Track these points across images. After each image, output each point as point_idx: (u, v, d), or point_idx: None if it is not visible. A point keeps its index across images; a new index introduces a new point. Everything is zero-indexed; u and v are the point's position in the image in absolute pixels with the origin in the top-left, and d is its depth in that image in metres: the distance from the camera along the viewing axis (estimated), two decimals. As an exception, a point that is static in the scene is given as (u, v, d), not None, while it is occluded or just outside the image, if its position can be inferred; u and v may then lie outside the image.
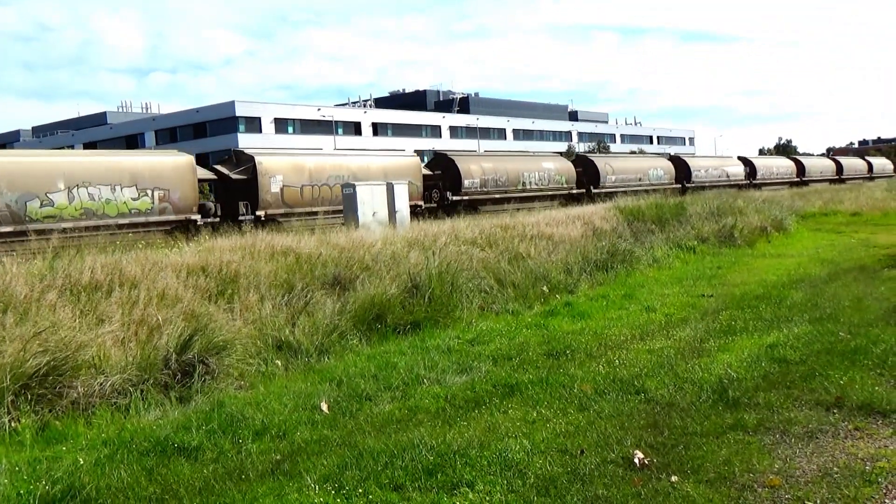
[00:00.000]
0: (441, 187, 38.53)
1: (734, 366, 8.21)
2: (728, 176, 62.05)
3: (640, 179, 51.43)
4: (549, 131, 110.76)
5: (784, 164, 75.13)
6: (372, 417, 7.15)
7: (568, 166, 46.94)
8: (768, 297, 12.64)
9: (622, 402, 7.26)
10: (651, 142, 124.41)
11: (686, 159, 60.72)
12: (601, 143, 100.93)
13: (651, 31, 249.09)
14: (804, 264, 16.99)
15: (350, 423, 7.02)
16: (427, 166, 40.20)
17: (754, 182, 64.59)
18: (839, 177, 77.93)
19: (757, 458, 5.71)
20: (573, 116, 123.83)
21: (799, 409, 6.79)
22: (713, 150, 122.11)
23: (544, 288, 13.72)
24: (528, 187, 43.06)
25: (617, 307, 12.48)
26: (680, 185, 53.51)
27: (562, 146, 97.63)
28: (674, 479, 5.38)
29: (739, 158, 68.74)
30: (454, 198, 38.43)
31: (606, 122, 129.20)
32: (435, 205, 37.28)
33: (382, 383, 8.23)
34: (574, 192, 45.15)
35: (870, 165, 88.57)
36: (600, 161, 50.24)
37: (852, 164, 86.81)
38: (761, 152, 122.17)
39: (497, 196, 40.11)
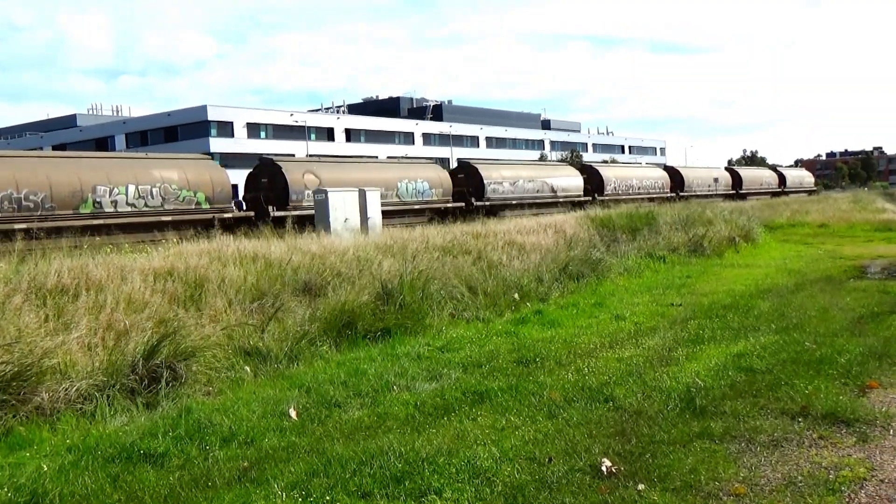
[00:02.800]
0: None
1: (702, 374, 8.28)
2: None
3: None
4: (522, 139, 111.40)
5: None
6: (341, 424, 7.12)
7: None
8: (736, 306, 12.77)
9: (591, 409, 7.29)
10: (623, 151, 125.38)
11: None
12: (574, 151, 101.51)
13: (623, 42, 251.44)
14: (771, 274, 17.19)
15: (319, 429, 6.99)
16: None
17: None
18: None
19: (723, 467, 5.76)
20: (546, 125, 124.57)
21: (765, 417, 6.86)
22: (684, 160, 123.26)
23: (515, 296, 13.75)
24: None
25: (587, 315, 12.54)
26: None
27: (534, 154, 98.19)
28: (640, 487, 5.41)
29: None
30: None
31: (579, 132, 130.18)
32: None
33: (352, 390, 8.20)
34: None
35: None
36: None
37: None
38: (730, 163, 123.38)
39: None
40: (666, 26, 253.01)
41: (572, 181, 48.88)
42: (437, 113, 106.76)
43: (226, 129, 78.87)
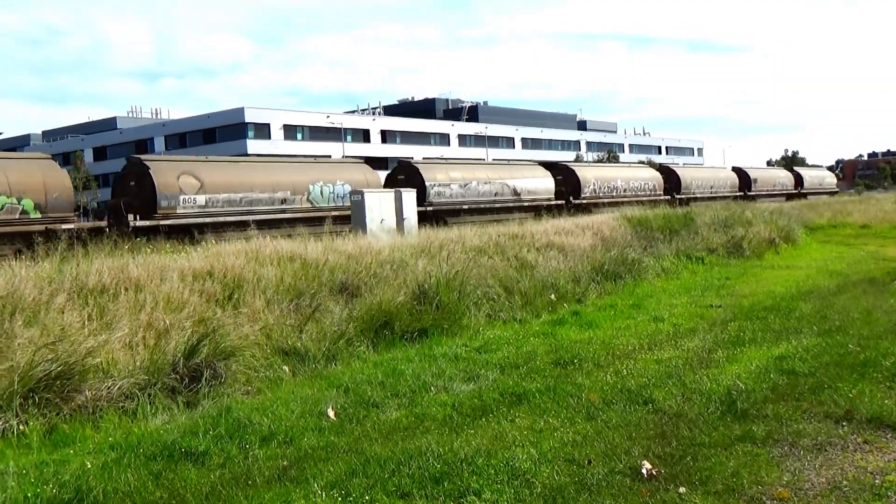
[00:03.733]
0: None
1: (743, 377, 8.17)
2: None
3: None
4: (558, 140, 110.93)
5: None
6: (379, 424, 7.13)
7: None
8: (777, 308, 12.60)
9: (630, 412, 7.24)
10: (659, 152, 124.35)
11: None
12: (611, 152, 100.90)
13: (658, 41, 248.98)
14: (813, 276, 16.94)
15: (357, 429, 7.01)
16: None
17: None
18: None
19: (765, 471, 5.67)
20: (582, 126, 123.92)
21: (808, 421, 6.76)
22: (722, 160, 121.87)
23: (552, 296, 13.70)
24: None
25: (625, 317, 12.45)
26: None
27: (570, 155, 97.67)
28: (682, 490, 5.36)
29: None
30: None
31: (615, 132, 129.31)
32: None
33: (389, 390, 8.21)
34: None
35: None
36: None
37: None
38: (769, 164, 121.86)
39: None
40: (702, 25, 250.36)
41: (540, 183, 44.81)
42: (473, 114, 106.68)
43: (263, 130, 79.51)
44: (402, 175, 37.27)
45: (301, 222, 28.38)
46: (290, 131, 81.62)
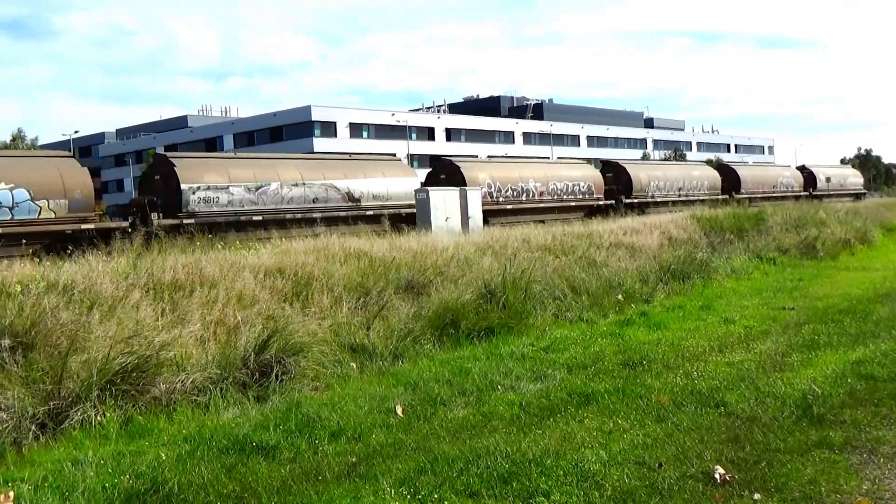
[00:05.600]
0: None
1: (818, 381, 7.96)
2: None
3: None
4: (624, 138, 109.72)
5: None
6: (446, 422, 7.14)
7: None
8: (853, 311, 12.25)
9: (701, 414, 7.11)
10: (728, 150, 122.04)
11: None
12: (677, 150, 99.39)
13: (727, 37, 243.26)
14: (890, 278, 16.43)
15: (424, 427, 7.03)
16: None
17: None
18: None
19: (844, 478, 5.51)
20: (649, 123, 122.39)
21: (888, 427, 6.55)
22: (793, 159, 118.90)
23: (619, 296, 13.56)
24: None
25: (694, 318, 12.24)
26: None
27: (636, 153, 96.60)
28: (756, 496, 5.24)
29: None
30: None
31: (682, 130, 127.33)
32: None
33: (456, 388, 8.22)
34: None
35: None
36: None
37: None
38: (843, 162, 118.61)
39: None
40: (772, 20, 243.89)
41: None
42: (538, 112, 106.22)
43: (329, 129, 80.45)
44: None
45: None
46: (356, 129, 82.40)
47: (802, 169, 64.58)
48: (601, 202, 41.22)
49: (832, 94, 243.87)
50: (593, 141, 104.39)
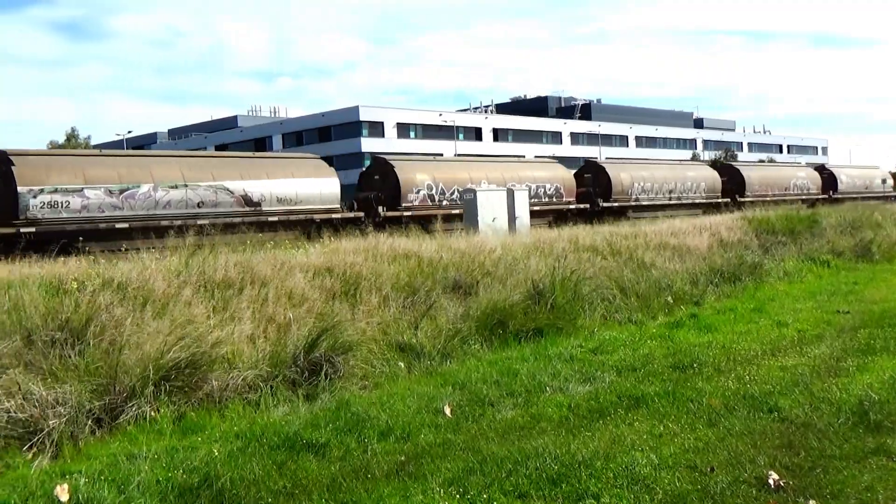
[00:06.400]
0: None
1: (875, 387, 7.78)
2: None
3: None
4: (673, 139, 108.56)
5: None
6: (494, 423, 7.14)
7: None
8: (911, 315, 11.95)
9: (754, 419, 7.00)
10: (780, 151, 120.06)
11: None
12: (728, 151, 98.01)
13: (779, 35, 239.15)
14: (950, 282, 16.01)
15: (473, 427, 7.03)
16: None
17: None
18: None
19: (903, 487, 5.39)
20: (698, 124, 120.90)
21: (948, 436, 6.38)
22: (848, 159, 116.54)
23: (668, 298, 13.41)
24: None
25: (746, 321, 12.05)
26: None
27: (686, 154, 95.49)
28: (812, 503, 5.15)
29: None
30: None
31: (733, 130, 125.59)
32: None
33: (504, 389, 8.21)
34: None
35: None
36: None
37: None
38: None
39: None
40: (826, 17, 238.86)
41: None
42: (586, 112, 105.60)
43: (377, 129, 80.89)
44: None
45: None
46: (403, 129, 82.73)
47: (821, 169, 59.95)
48: (572, 206, 37.46)
49: (889, 92, 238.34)
50: (642, 141, 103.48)
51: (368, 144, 76.34)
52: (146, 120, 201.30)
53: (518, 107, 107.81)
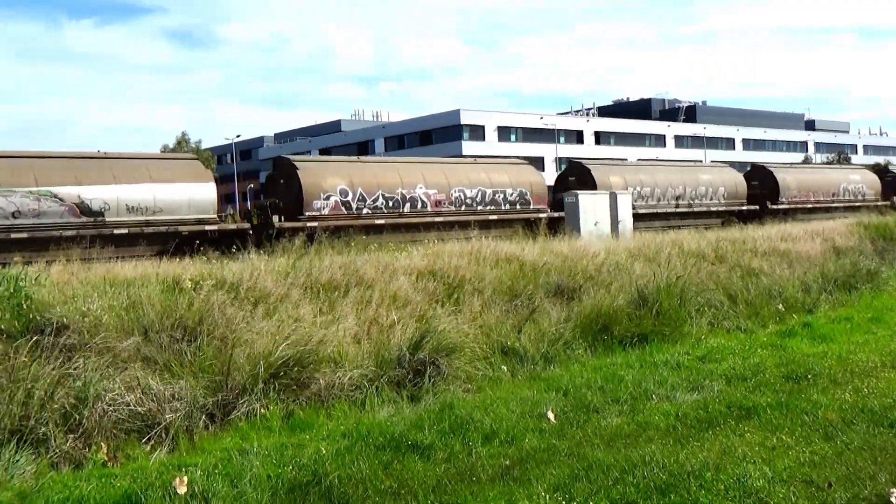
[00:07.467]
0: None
1: None
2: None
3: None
4: (783, 141, 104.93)
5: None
6: (600, 430, 7.05)
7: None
8: None
9: (874, 434, 6.69)
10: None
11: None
12: (841, 153, 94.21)
13: (895, 33, 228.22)
14: None
15: (578, 433, 6.96)
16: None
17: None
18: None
19: None
20: (810, 126, 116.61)
21: None
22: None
23: (779, 306, 12.99)
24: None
25: (863, 331, 11.55)
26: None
27: (797, 157, 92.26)
28: (939, 524, 4.89)
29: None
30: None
31: (847, 132, 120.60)
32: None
33: (609, 396, 8.10)
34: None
35: None
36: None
37: None
38: None
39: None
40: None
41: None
42: (691, 114, 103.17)
43: (477, 132, 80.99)
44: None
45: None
46: (504, 133, 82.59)
47: (883, 171, 51.48)
48: (542, 215, 31.20)
49: None
50: (749, 144, 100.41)
51: (469, 148, 76.51)
52: (254, 124, 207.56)
53: (620, 109, 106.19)
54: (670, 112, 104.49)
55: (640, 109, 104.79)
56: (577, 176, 34.20)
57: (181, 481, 5.68)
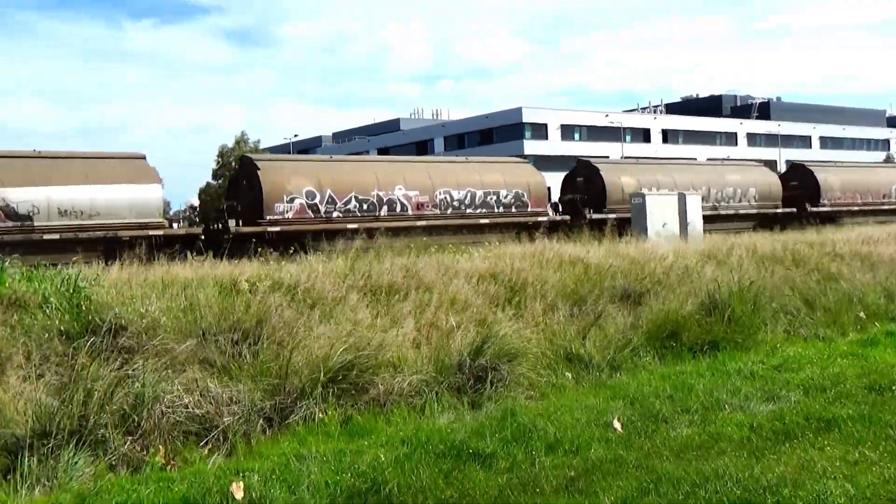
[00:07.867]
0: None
1: None
2: None
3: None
4: (862, 139, 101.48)
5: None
6: (669, 441, 6.75)
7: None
8: None
9: (965, 451, 6.27)
10: None
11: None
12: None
13: None
14: None
15: (646, 444, 6.68)
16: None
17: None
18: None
19: None
20: (892, 122, 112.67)
21: None
22: None
23: (860, 313, 12.42)
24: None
25: (953, 340, 10.96)
26: None
27: (878, 156, 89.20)
28: None
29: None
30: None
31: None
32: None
33: (679, 405, 7.78)
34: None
35: None
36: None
37: None
38: None
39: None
40: None
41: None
42: (764, 111, 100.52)
43: (540, 130, 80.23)
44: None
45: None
46: (568, 131, 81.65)
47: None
48: (542, 219, 29.53)
49: None
50: (826, 142, 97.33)
51: (531, 147, 75.89)
52: (312, 123, 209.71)
53: (689, 106, 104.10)
54: (742, 109, 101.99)
55: (709, 107, 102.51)
56: (584, 176, 32.76)
57: (238, 487, 5.59)
